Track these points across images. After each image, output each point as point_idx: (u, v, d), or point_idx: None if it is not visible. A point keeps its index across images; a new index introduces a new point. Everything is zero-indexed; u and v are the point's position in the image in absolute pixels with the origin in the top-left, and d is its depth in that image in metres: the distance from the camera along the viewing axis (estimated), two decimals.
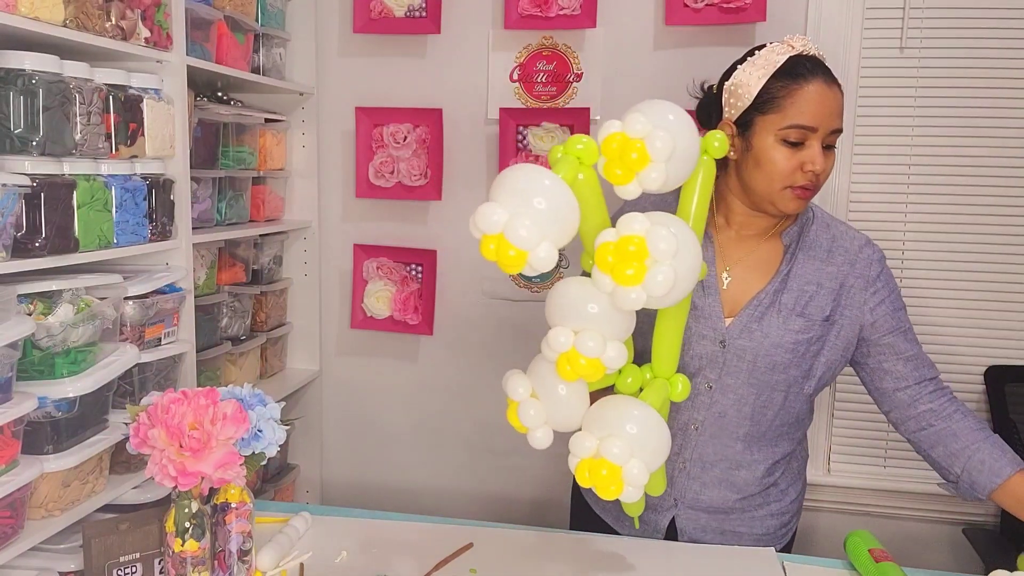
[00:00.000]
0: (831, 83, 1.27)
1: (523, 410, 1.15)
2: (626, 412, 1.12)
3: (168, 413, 1.14)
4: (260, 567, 1.30)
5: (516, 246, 1.00)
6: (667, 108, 1.08)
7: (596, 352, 1.06)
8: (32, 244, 1.25)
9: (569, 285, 1.12)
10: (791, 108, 1.25)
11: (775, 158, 1.27)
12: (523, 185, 1.03)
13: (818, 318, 1.34)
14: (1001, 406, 2.02)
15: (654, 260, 1.00)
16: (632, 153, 1.04)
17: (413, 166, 2.21)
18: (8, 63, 1.23)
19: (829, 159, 1.28)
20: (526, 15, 2.07)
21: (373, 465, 2.41)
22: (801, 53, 1.29)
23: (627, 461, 1.08)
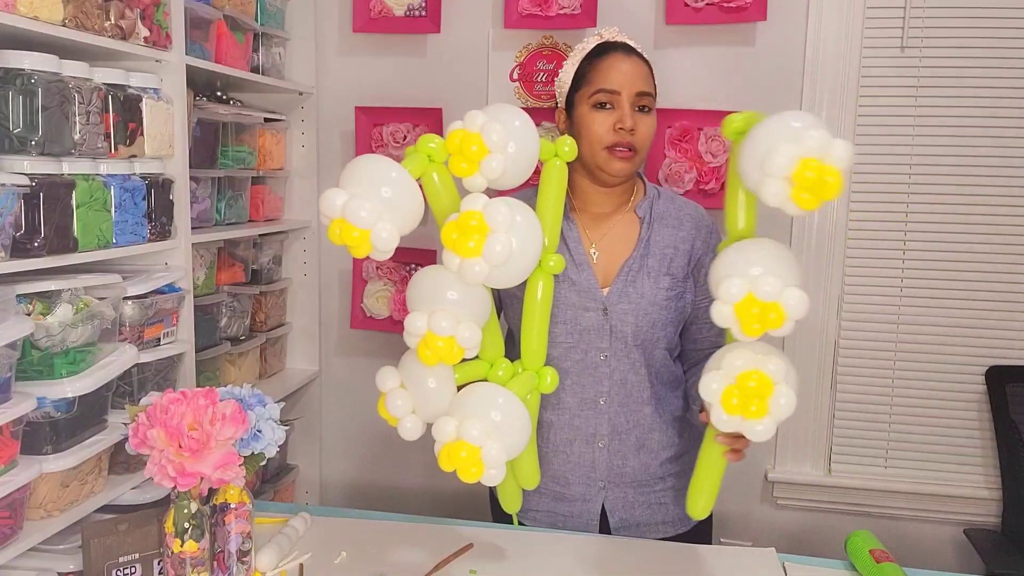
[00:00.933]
0: (631, 54, 1.45)
1: (390, 400, 1.22)
2: (488, 397, 1.17)
3: (167, 413, 1.14)
4: (259, 568, 1.30)
5: (356, 226, 1.06)
6: (504, 107, 1.21)
7: (449, 330, 1.13)
8: (31, 244, 1.25)
9: (424, 273, 1.20)
10: (595, 77, 1.44)
11: (590, 123, 1.43)
12: (368, 173, 1.10)
13: (680, 276, 1.47)
14: (1001, 406, 2.02)
15: (492, 231, 1.08)
16: (472, 145, 1.13)
17: None
18: (7, 63, 1.23)
19: (644, 120, 1.42)
20: (526, 14, 2.07)
21: (373, 465, 2.41)
22: (608, 40, 1.48)
23: (485, 442, 1.12)
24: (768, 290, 1.04)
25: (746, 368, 1.08)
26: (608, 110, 1.42)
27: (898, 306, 2.10)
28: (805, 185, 1.02)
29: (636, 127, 1.40)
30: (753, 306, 1.05)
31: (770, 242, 1.12)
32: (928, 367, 2.10)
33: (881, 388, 2.13)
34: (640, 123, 1.41)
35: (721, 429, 1.12)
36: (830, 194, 1.02)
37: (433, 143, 1.21)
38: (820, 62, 2.02)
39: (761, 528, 2.22)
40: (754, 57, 2.05)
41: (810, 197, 1.02)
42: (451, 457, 1.13)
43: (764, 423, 1.07)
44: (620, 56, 1.44)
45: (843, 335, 2.12)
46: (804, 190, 1.02)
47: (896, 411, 2.13)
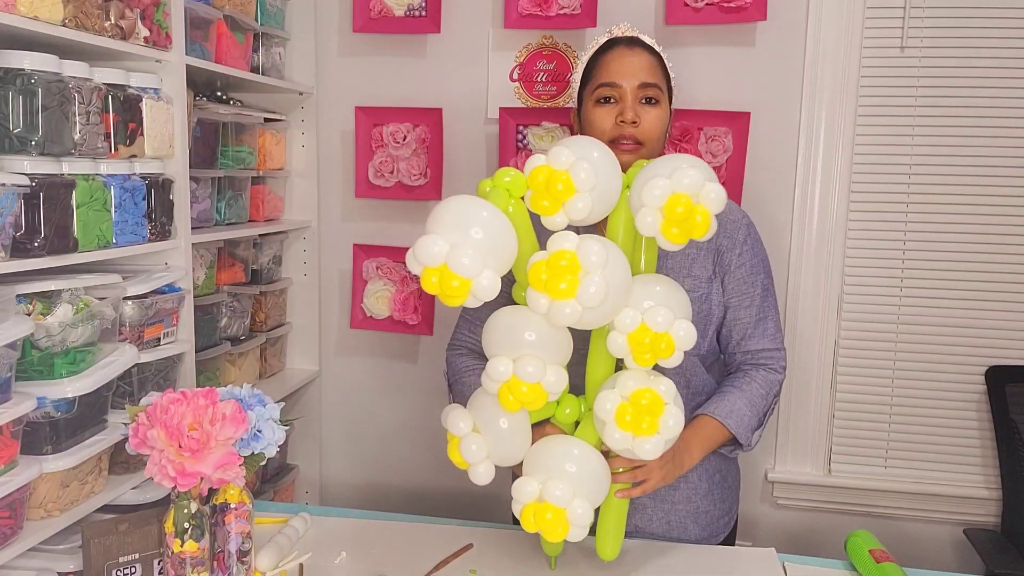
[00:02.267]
0: (633, 47, 1.43)
1: (465, 445, 1.18)
2: (565, 452, 1.15)
3: (167, 413, 1.14)
4: (259, 568, 1.30)
5: (459, 275, 1.03)
6: (590, 143, 1.17)
7: (537, 377, 1.10)
8: (31, 244, 1.25)
9: (504, 315, 1.16)
10: (598, 72, 1.43)
11: (594, 118, 1.42)
12: (461, 216, 1.06)
13: (704, 276, 1.42)
14: (1001, 406, 2.02)
15: (586, 272, 1.05)
16: (558, 184, 1.09)
17: (413, 166, 2.21)
18: (7, 63, 1.23)
19: (649, 112, 1.40)
20: (526, 14, 2.07)
21: (373, 465, 2.41)
22: (617, 36, 1.47)
23: (570, 502, 1.11)
24: (660, 321, 1.10)
25: (638, 387, 1.12)
26: (611, 104, 1.41)
27: (898, 306, 2.10)
28: (674, 219, 1.09)
29: (640, 119, 1.38)
30: (645, 336, 1.10)
31: (663, 278, 1.19)
32: (928, 367, 2.10)
33: (881, 388, 2.13)
34: (645, 115, 1.39)
35: (612, 447, 1.16)
36: (697, 232, 1.09)
37: (509, 176, 1.17)
38: (820, 62, 2.02)
39: (761, 528, 2.22)
40: (754, 57, 2.05)
41: (678, 232, 1.10)
42: (537, 518, 1.12)
43: (653, 441, 1.11)
44: (622, 49, 1.43)
45: (843, 335, 2.12)
46: (673, 224, 1.09)
47: (896, 411, 2.13)
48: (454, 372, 1.51)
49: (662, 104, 1.42)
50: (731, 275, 1.43)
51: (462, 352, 1.52)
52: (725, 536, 1.54)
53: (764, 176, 2.09)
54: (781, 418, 2.16)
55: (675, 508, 1.46)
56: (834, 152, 2.05)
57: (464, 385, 1.46)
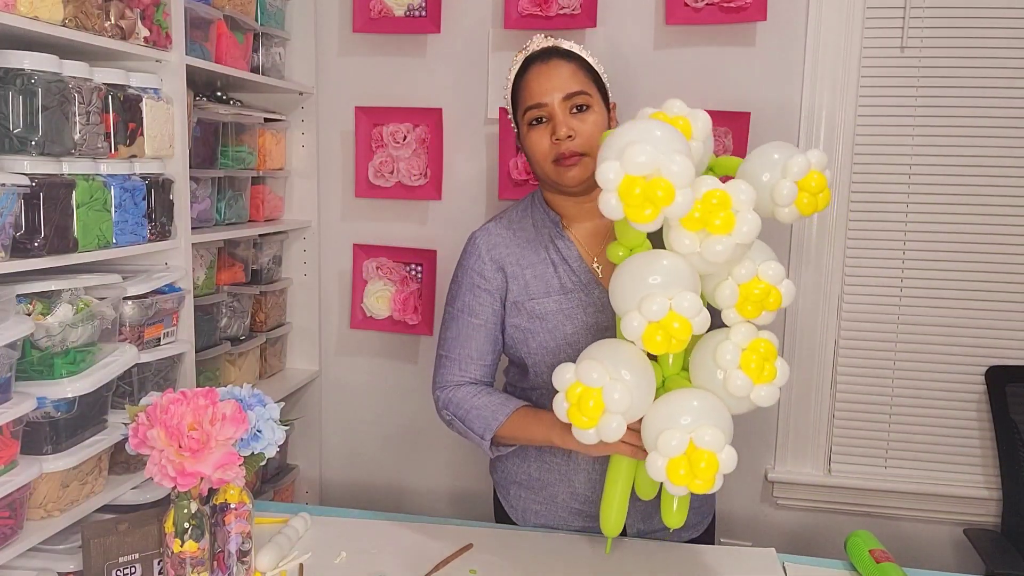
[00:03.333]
0: (548, 60, 1.39)
1: (608, 393, 1.10)
2: (696, 402, 1.14)
3: (167, 413, 1.14)
4: (259, 568, 1.30)
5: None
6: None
7: (694, 311, 1.10)
8: (31, 244, 1.25)
9: (650, 259, 1.15)
10: (523, 95, 1.40)
11: (531, 142, 1.39)
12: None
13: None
14: (1001, 406, 2.02)
15: (736, 210, 1.11)
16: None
17: (413, 166, 2.21)
18: (7, 63, 1.23)
19: (584, 121, 1.36)
20: (526, 14, 2.07)
21: (373, 465, 2.41)
22: (532, 52, 1.42)
23: (722, 448, 1.09)
24: (771, 274, 1.16)
25: (755, 338, 1.16)
26: (544, 124, 1.37)
27: (898, 306, 2.10)
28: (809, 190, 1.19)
29: (575, 131, 1.34)
30: (757, 286, 1.16)
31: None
32: (928, 367, 2.10)
33: (881, 388, 2.13)
34: (579, 125, 1.34)
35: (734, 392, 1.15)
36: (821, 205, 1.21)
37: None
38: (820, 62, 2.02)
39: (761, 528, 2.22)
40: (754, 57, 2.05)
41: (808, 202, 1.19)
42: (689, 470, 1.08)
43: (771, 388, 1.15)
44: (538, 67, 1.38)
45: (843, 335, 2.12)
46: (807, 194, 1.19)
47: (896, 411, 2.13)
48: (458, 404, 1.43)
49: (594, 108, 1.37)
50: None
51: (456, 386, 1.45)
52: (705, 528, 1.54)
53: None
54: (781, 418, 2.16)
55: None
56: (834, 152, 2.05)
57: (481, 407, 1.40)
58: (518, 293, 1.43)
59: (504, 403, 1.39)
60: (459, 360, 1.46)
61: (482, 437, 1.39)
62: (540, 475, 1.49)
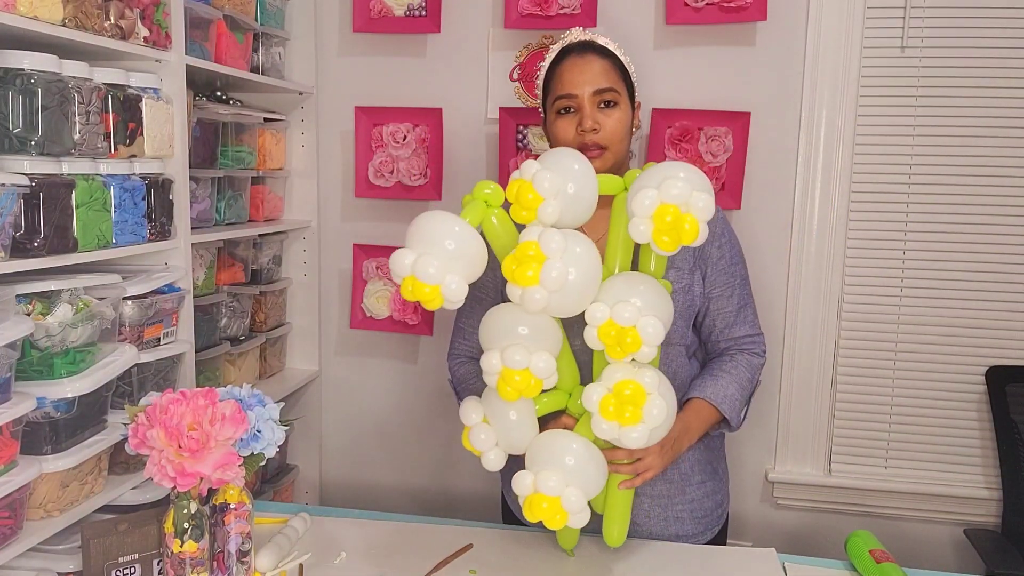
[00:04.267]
0: (584, 54, 1.43)
1: (474, 434, 1.27)
2: (559, 444, 1.22)
3: (167, 413, 1.14)
4: (259, 568, 1.30)
5: (426, 283, 1.13)
6: (560, 152, 1.26)
7: (523, 363, 1.17)
8: (31, 244, 1.25)
9: (493, 312, 1.25)
10: (555, 84, 1.45)
11: (556, 130, 1.44)
12: (430, 231, 1.18)
13: (686, 267, 1.45)
14: (1001, 406, 2.02)
15: (548, 259, 1.13)
16: (528, 194, 1.18)
17: (413, 166, 2.21)
18: (7, 63, 1.23)
19: (609, 116, 1.41)
20: (526, 14, 2.07)
21: (373, 465, 2.41)
22: (569, 43, 1.47)
23: (563, 491, 1.17)
24: (626, 316, 1.16)
25: (622, 378, 1.18)
26: (571, 114, 1.42)
27: (898, 306, 2.10)
28: (663, 228, 1.16)
29: (600, 125, 1.39)
30: (611, 329, 1.16)
31: (648, 278, 1.24)
32: (928, 367, 2.10)
33: (881, 388, 2.13)
34: (604, 120, 1.40)
35: (601, 436, 1.20)
36: (687, 239, 1.15)
37: (488, 189, 1.28)
38: (820, 62, 2.02)
39: (761, 528, 2.22)
40: (754, 57, 2.05)
41: (669, 240, 1.16)
42: (533, 508, 1.19)
43: (639, 430, 1.16)
44: (574, 59, 1.44)
45: (843, 335, 2.12)
46: (663, 232, 1.16)
47: (896, 411, 2.13)
48: (458, 380, 1.55)
49: (621, 105, 1.42)
50: (712, 266, 1.46)
51: (462, 360, 1.57)
52: (719, 530, 1.54)
53: (764, 176, 2.09)
54: (781, 418, 2.16)
55: (671, 502, 1.46)
56: (834, 152, 2.05)
57: (470, 391, 1.48)
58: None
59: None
60: (463, 330, 1.57)
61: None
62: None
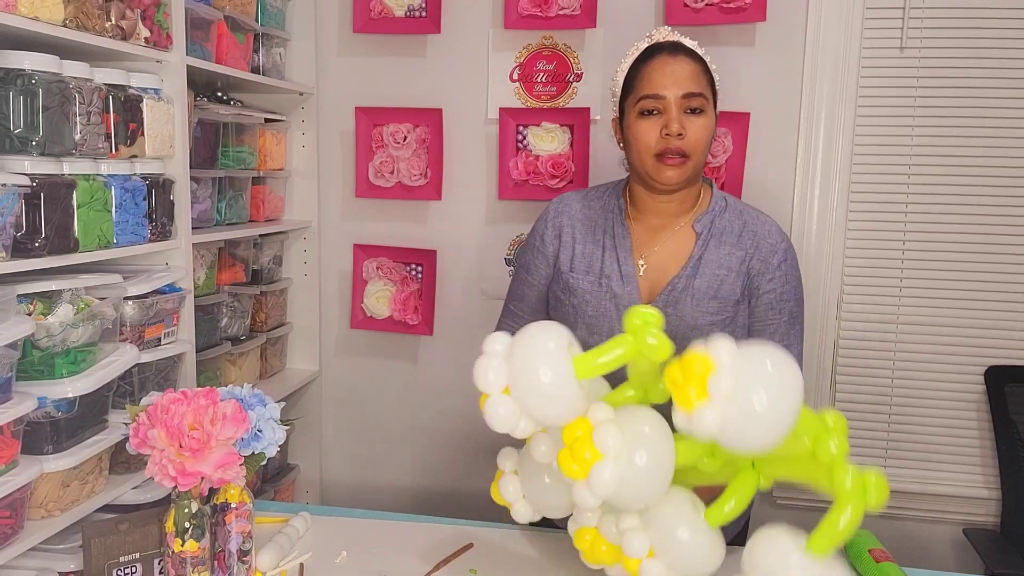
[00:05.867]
0: (676, 55, 1.37)
1: (503, 485, 1.23)
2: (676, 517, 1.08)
3: (168, 413, 1.14)
4: (260, 567, 1.30)
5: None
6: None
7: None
8: (32, 244, 1.25)
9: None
10: (641, 83, 1.37)
11: (638, 131, 1.37)
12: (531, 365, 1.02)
13: (731, 300, 1.39)
14: (1001, 406, 2.02)
15: (602, 455, 0.96)
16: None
17: (413, 166, 2.21)
18: (8, 63, 1.23)
19: (695, 123, 1.35)
20: (526, 15, 2.07)
21: (373, 465, 2.41)
22: (658, 41, 1.40)
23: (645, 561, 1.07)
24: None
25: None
26: (655, 116, 1.35)
27: (897, 306, 2.10)
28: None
29: (685, 131, 1.33)
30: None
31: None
32: (927, 367, 2.10)
33: (880, 388, 2.13)
34: (691, 126, 1.33)
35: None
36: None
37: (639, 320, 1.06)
38: (820, 62, 2.02)
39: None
40: (754, 57, 2.06)
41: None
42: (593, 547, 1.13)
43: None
44: (665, 58, 1.36)
45: (842, 335, 2.12)
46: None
47: (895, 411, 2.13)
48: None
49: (707, 112, 1.36)
50: (758, 299, 1.41)
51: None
52: (738, 532, 1.56)
53: (763, 176, 2.09)
54: None
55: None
56: (834, 152, 2.05)
57: None
58: (564, 262, 1.48)
59: None
60: (515, 311, 1.56)
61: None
62: None
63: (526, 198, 2.17)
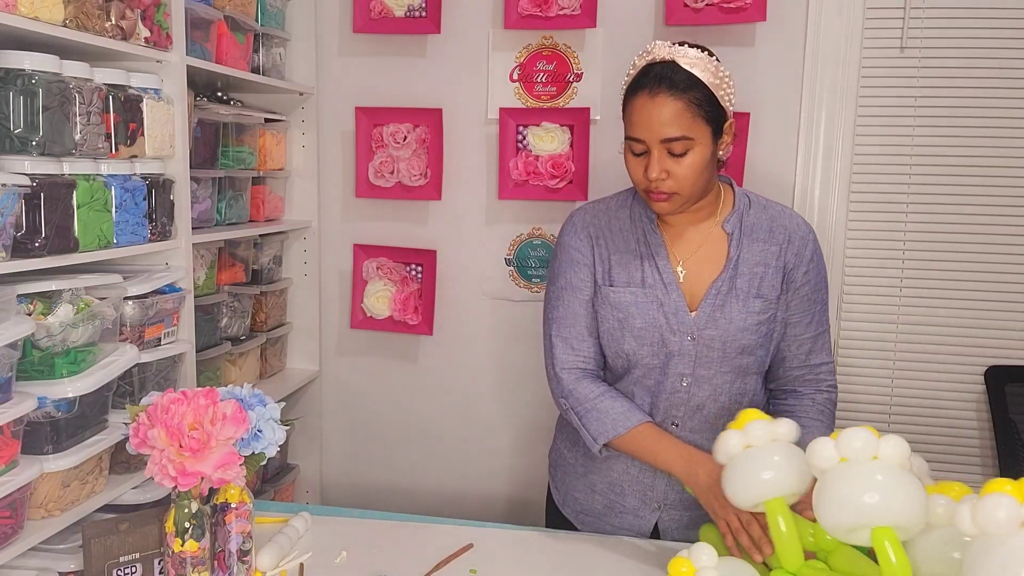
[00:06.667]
0: (656, 94, 1.29)
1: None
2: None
3: (168, 413, 1.14)
4: (260, 567, 1.30)
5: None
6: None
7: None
8: (32, 244, 1.25)
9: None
10: (627, 120, 1.34)
11: (627, 165, 1.36)
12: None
13: (772, 296, 1.40)
14: (1001, 406, 2.02)
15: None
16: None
17: (413, 166, 2.21)
18: (8, 63, 1.23)
19: (680, 164, 1.30)
20: (526, 15, 2.07)
21: (373, 465, 2.41)
22: (653, 61, 1.32)
23: None
24: None
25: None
26: (641, 156, 1.33)
27: (897, 306, 2.10)
28: None
29: (668, 174, 1.30)
30: None
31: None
32: (927, 367, 2.10)
33: (880, 388, 2.13)
34: (675, 167, 1.30)
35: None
36: None
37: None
38: (820, 62, 2.02)
39: None
40: (754, 57, 2.06)
41: None
42: None
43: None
44: (644, 99, 1.30)
45: (842, 335, 2.12)
46: None
47: (895, 411, 2.13)
48: (580, 400, 1.42)
49: (695, 147, 1.30)
50: (796, 292, 1.41)
51: (578, 376, 1.45)
52: None
53: (764, 176, 2.09)
54: None
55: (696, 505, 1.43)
56: (834, 152, 2.05)
57: (604, 411, 1.40)
58: (600, 275, 1.44)
59: (627, 414, 1.39)
60: (571, 340, 1.45)
61: (595, 440, 1.40)
62: (583, 462, 1.52)
63: (526, 198, 2.17)
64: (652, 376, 1.41)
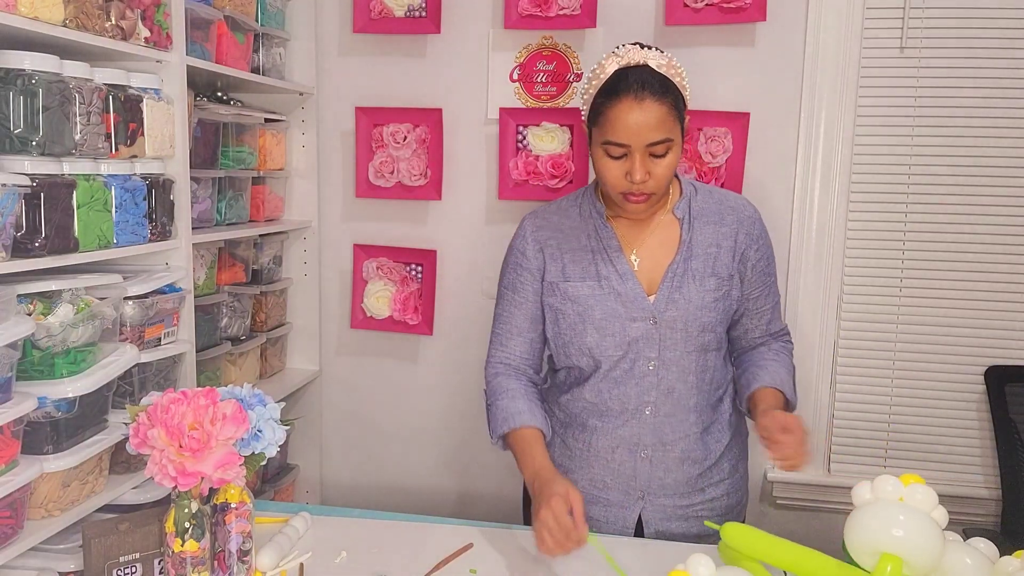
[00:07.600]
0: (642, 99, 1.30)
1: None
2: None
3: (168, 413, 1.14)
4: (260, 567, 1.30)
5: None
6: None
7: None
8: (32, 244, 1.25)
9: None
10: (606, 125, 1.33)
11: (603, 168, 1.37)
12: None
13: (726, 274, 1.45)
14: (1001, 406, 2.02)
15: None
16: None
17: (413, 166, 2.21)
18: (8, 63, 1.23)
19: (660, 164, 1.34)
20: (526, 15, 2.07)
21: (373, 465, 2.41)
22: (627, 65, 1.33)
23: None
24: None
25: None
26: (620, 160, 1.34)
27: (897, 306, 2.10)
28: None
29: (651, 174, 1.33)
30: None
31: None
32: (927, 367, 2.10)
33: (880, 388, 2.13)
34: (655, 168, 1.33)
35: None
36: None
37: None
38: (820, 62, 2.02)
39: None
40: (754, 57, 2.06)
41: None
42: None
43: None
44: (630, 104, 1.29)
45: (842, 335, 2.12)
46: None
47: (895, 411, 2.13)
48: (492, 392, 1.51)
49: (673, 147, 1.33)
50: (753, 268, 1.48)
51: (498, 369, 1.53)
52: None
53: (764, 176, 2.09)
54: None
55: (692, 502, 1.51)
56: (834, 152, 2.05)
57: (501, 408, 1.48)
58: (555, 274, 1.48)
59: (516, 415, 1.45)
60: (502, 335, 1.54)
61: (491, 433, 1.50)
62: (561, 461, 1.55)
63: (526, 198, 2.17)
64: (619, 367, 1.44)
